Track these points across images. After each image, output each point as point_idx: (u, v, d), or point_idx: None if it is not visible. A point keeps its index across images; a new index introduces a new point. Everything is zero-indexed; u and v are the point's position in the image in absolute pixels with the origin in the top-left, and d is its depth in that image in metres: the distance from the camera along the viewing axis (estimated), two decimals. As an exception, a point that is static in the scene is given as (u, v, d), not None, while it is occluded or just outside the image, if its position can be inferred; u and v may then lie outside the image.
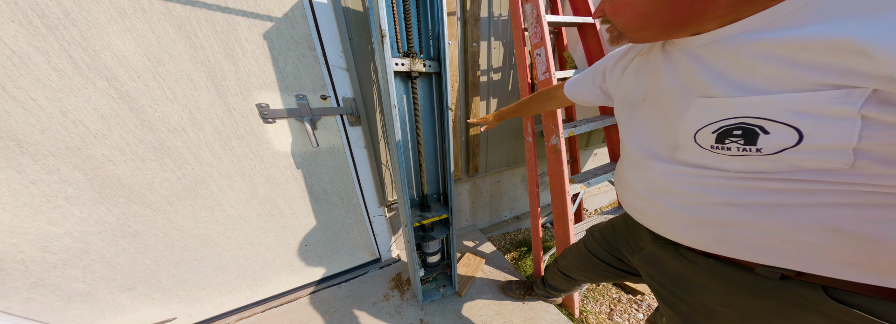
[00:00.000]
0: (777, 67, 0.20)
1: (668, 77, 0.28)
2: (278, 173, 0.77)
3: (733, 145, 0.23)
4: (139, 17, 0.51)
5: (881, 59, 0.16)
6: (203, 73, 0.59)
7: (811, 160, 0.20)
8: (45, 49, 0.46)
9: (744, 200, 0.24)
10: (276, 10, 0.65)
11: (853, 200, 0.20)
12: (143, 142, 0.57)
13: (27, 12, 0.43)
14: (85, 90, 0.50)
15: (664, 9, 0.23)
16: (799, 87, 0.19)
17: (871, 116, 0.17)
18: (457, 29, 0.91)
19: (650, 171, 0.32)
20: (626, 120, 0.36)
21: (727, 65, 0.23)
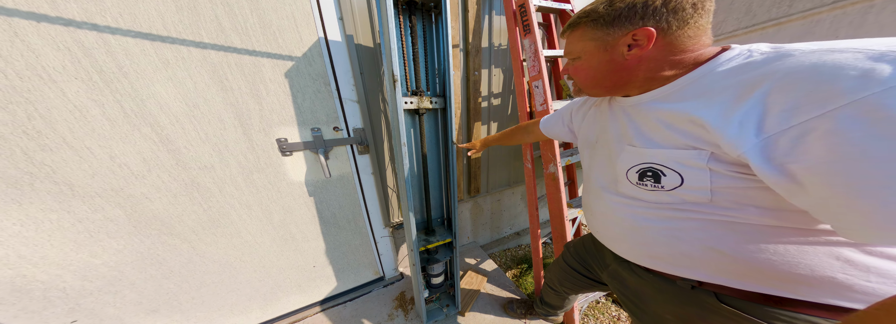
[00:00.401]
0: (665, 129, 0.29)
1: (611, 126, 0.38)
2: (292, 201, 0.83)
3: (648, 182, 0.31)
4: (180, 65, 0.58)
5: (712, 131, 0.25)
6: (232, 113, 0.66)
7: (691, 195, 0.29)
8: (101, 101, 0.52)
9: (659, 224, 0.32)
10: (296, 50, 0.72)
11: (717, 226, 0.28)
12: (177, 180, 0.64)
13: (88, 69, 0.50)
14: (132, 136, 0.56)
15: (606, 77, 0.33)
16: (676, 145, 0.28)
17: (713, 168, 0.26)
18: (460, 59, 0.98)
19: (602, 199, 0.40)
20: (586, 157, 0.45)
21: (642, 123, 0.33)
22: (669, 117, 0.29)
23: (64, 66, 0.49)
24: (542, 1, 0.94)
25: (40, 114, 0.49)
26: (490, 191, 1.26)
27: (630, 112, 0.34)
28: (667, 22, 0.27)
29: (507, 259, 1.40)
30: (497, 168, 1.23)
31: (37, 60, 0.47)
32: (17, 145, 0.48)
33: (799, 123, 0.19)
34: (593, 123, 0.42)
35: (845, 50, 0.19)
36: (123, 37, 0.52)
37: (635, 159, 0.32)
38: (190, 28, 0.58)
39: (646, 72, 0.31)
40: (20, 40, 0.45)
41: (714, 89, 0.26)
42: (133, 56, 0.53)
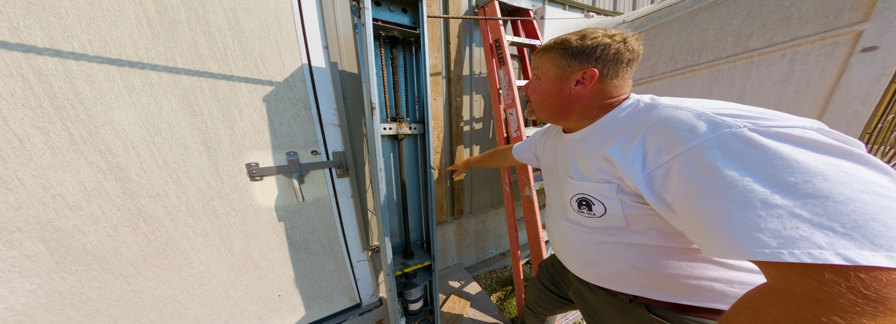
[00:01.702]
0: (591, 165, 0.36)
1: (559, 158, 0.45)
2: (258, 227, 0.79)
3: (584, 210, 0.38)
4: (146, 90, 0.58)
5: (617, 166, 0.31)
6: (198, 138, 0.65)
7: (614, 221, 0.35)
8: (47, 129, 0.51)
9: (597, 246, 0.38)
10: (277, 76, 0.76)
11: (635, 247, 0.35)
12: (121, 209, 0.60)
13: (40, 96, 0.49)
14: (75, 165, 0.54)
15: (553, 103, 0.40)
16: (596, 179, 0.35)
17: (622, 199, 0.32)
18: (442, 86, 1.07)
19: (558, 224, 0.46)
20: (546, 183, 0.52)
21: (577, 158, 0.39)
22: (591, 155, 0.36)
23: (12, 93, 0.47)
24: (514, 37, 1.09)
25: None
26: (474, 212, 1.31)
27: (571, 147, 0.41)
28: (608, 69, 0.35)
29: (492, 281, 1.40)
30: (480, 190, 1.30)
31: None
32: None
33: (664, 163, 0.26)
34: (551, 152, 0.49)
35: (683, 108, 0.28)
36: (88, 63, 0.52)
37: (573, 190, 0.38)
38: (164, 54, 0.60)
39: (580, 109, 0.38)
40: None
41: (616, 131, 0.33)
42: (95, 82, 0.53)
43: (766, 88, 0.66)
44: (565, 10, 1.45)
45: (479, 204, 1.31)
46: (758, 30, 0.68)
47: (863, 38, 0.55)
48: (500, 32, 1.04)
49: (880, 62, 0.53)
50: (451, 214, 1.23)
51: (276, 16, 0.75)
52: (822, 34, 0.59)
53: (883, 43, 0.53)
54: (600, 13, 1.61)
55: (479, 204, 1.32)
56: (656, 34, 0.93)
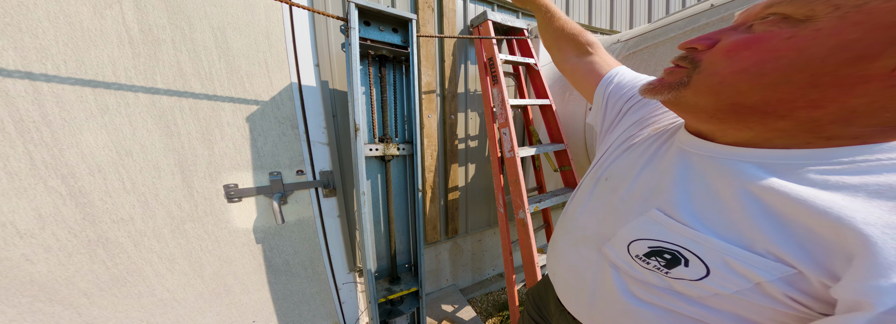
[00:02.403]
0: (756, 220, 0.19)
1: (646, 171, 0.28)
2: (233, 251, 0.75)
3: (654, 262, 0.24)
4: (120, 111, 0.57)
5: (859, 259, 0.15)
6: (173, 159, 0.63)
7: (688, 288, 0.23)
8: (7, 154, 0.48)
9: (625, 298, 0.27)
10: (264, 94, 0.74)
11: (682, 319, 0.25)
12: (78, 236, 0.56)
13: (3, 120, 0.47)
14: (32, 191, 0.51)
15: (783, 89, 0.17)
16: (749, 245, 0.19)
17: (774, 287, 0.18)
18: (436, 104, 1.07)
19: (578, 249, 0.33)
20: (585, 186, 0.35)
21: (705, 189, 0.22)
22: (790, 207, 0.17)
23: None
24: (508, 56, 1.11)
25: None
26: (469, 231, 1.28)
27: (698, 165, 0.23)
28: None
29: (488, 305, 1.33)
30: (476, 208, 1.27)
31: None
32: None
33: None
34: (628, 152, 0.32)
35: None
36: (61, 84, 0.51)
37: (658, 234, 0.23)
38: (144, 74, 0.58)
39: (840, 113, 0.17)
40: None
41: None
42: (66, 104, 0.51)
43: None
44: None
45: (474, 223, 1.28)
46: None
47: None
48: (494, 51, 1.05)
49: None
50: (445, 234, 1.19)
51: (266, 34, 0.76)
52: None
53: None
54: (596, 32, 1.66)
55: (475, 223, 1.28)
56: (650, 55, 0.94)
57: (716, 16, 0.77)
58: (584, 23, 1.61)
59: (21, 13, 0.47)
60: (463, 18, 1.16)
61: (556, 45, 0.50)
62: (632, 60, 0.99)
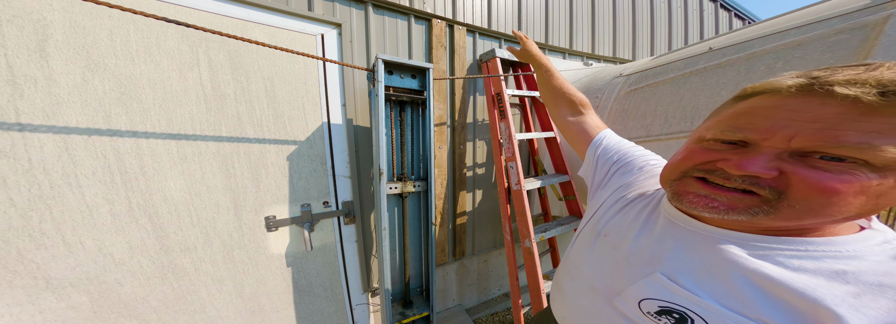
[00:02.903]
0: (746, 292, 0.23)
1: (642, 235, 0.32)
2: (268, 273, 0.89)
3: (665, 320, 0.27)
4: (195, 159, 0.73)
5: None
6: (229, 197, 0.78)
7: None
8: (113, 199, 0.64)
9: None
10: (301, 135, 0.90)
11: None
12: (155, 263, 0.71)
13: (115, 172, 0.64)
14: (128, 228, 0.67)
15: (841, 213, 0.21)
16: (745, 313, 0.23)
17: None
18: (446, 135, 1.22)
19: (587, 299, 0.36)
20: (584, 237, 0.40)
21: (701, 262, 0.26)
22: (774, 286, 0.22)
23: (94, 171, 0.61)
24: (515, 90, 1.24)
25: (53, 217, 0.59)
26: (476, 253, 1.41)
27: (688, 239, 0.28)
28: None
29: (491, 325, 1.42)
30: (483, 230, 1.40)
31: (74, 169, 0.59)
32: (15, 247, 0.57)
33: None
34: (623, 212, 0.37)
35: None
36: (156, 139, 0.67)
37: (668, 296, 0.27)
38: (213, 125, 0.75)
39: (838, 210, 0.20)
40: (68, 154, 0.58)
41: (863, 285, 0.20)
42: (157, 155, 0.67)
43: None
44: (565, 58, 1.64)
45: (481, 245, 1.41)
46: None
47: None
48: (502, 87, 1.19)
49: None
50: (453, 256, 1.31)
51: (304, 81, 0.92)
52: None
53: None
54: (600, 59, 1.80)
55: (482, 245, 1.41)
56: (651, 93, 1.00)
57: (713, 61, 0.83)
58: (588, 51, 1.74)
59: (132, 83, 0.64)
60: (472, 53, 1.32)
61: (554, 102, 0.58)
62: (633, 98, 1.07)
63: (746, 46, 0.78)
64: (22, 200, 0.56)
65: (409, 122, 0.96)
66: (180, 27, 0.64)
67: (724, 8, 2.49)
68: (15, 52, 0.54)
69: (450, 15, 1.24)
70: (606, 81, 1.27)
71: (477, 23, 1.31)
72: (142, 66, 0.64)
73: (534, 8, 1.51)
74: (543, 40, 1.55)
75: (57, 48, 0.57)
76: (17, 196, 0.55)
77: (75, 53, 0.59)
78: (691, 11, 2.26)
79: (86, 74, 0.59)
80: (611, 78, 1.31)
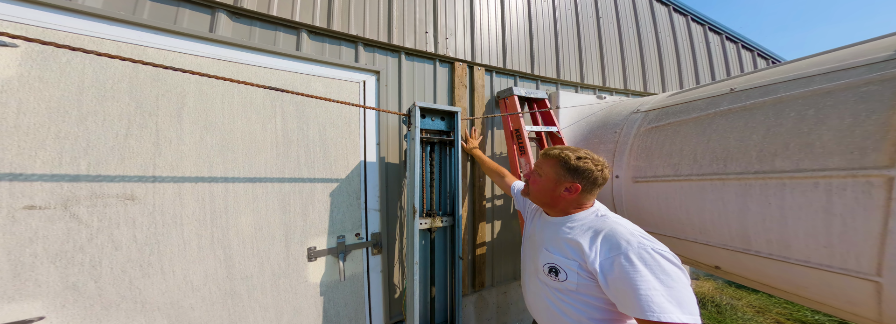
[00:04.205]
0: (564, 246, 0.68)
1: (538, 230, 0.79)
2: (304, 302, 1.08)
3: (553, 275, 0.68)
4: (263, 198, 0.97)
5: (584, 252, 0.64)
6: (282, 230, 1.00)
7: (569, 286, 0.66)
8: (202, 234, 0.87)
9: (558, 303, 0.68)
10: (342, 173, 1.15)
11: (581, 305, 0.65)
12: (221, 289, 0.91)
13: (207, 211, 0.89)
14: (207, 258, 0.89)
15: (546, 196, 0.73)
16: (567, 256, 0.67)
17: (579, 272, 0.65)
18: (467, 169, 1.46)
19: (531, 282, 0.76)
20: (525, 244, 0.86)
21: (554, 236, 0.72)
22: (568, 240, 0.66)
23: (193, 212, 0.85)
24: (533, 127, 1.51)
25: (159, 250, 0.82)
26: (495, 284, 1.62)
27: (549, 226, 0.73)
28: (586, 186, 0.67)
29: (503, 364, 1.53)
30: (502, 261, 1.64)
31: (181, 210, 0.83)
32: (128, 275, 0.79)
33: (611, 257, 0.58)
34: (537, 223, 0.81)
35: (622, 225, 0.65)
36: (239, 183, 0.92)
37: (547, 259, 0.68)
38: (279, 168, 1.00)
39: (562, 205, 0.71)
40: (180, 199, 0.83)
41: (587, 229, 0.65)
42: (238, 196, 0.91)
43: (808, 214, 0.74)
44: (577, 92, 1.96)
45: (500, 276, 1.63)
46: (781, 150, 0.77)
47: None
48: (520, 123, 1.45)
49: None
50: (473, 287, 1.49)
51: (347, 123, 1.19)
52: (852, 171, 0.66)
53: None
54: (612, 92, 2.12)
55: (501, 276, 1.63)
56: (674, 132, 1.09)
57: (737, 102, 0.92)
58: (599, 84, 2.06)
59: (231, 137, 0.91)
60: (490, 90, 1.63)
61: (491, 176, 1.28)
62: (655, 135, 1.16)
63: (771, 90, 0.86)
64: (143, 236, 0.80)
65: (438, 161, 1.20)
66: (271, 94, 0.91)
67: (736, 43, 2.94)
68: (163, 119, 0.81)
69: (469, 58, 1.57)
70: (624, 117, 1.46)
71: (494, 63, 1.64)
72: (239, 122, 0.92)
73: (545, 45, 1.87)
74: (555, 75, 1.87)
75: (188, 113, 0.85)
76: (139, 234, 0.79)
77: (199, 116, 0.87)
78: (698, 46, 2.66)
79: (202, 133, 0.86)
80: (628, 113, 1.51)
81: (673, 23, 2.52)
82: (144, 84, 0.80)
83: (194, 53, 0.87)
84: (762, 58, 3.11)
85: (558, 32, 1.91)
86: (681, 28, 2.57)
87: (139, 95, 0.79)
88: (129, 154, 0.77)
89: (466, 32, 1.56)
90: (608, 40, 2.16)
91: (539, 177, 0.72)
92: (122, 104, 0.77)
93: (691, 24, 2.65)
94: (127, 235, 0.76)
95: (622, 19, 2.24)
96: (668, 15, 2.51)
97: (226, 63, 0.92)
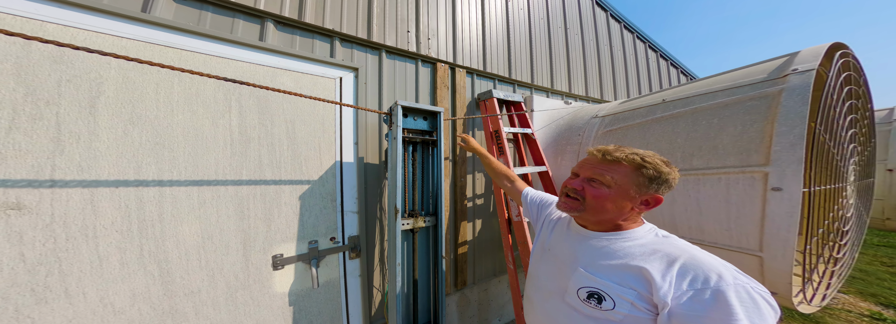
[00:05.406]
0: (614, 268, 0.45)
1: (567, 244, 0.54)
2: (268, 314, 0.87)
3: (592, 301, 0.45)
4: (213, 203, 0.75)
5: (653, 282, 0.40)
6: (240, 238, 0.79)
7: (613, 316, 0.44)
8: (126, 248, 0.64)
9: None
10: (315, 174, 0.94)
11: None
12: (156, 309, 0.69)
13: (133, 221, 0.65)
14: (135, 275, 0.66)
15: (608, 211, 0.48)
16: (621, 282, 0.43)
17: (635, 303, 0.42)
18: (449, 169, 1.31)
19: (550, 302, 0.53)
20: (537, 256, 0.61)
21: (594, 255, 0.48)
22: (623, 263, 0.44)
23: (113, 221, 0.62)
24: (510, 128, 1.39)
25: (61, 270, 0.58)
26: (477, 282, 1.45)
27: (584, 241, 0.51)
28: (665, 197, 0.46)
29: (488, 357, 1.40)
30: (482, 259, 1.47)
31: (94, 221, 0.60)
32: (13, 304, 0.54)
33: (693, 290, 0.38)
34: (559, 235, 0.57)
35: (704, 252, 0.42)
36: (179, 186, 0.69)
37: (584, 282, 0.46)
38: (235, 169, 0.78)
39: (619, 219, 0.49)
40: (92, 206, 0.59)
41: (651, 252, 0.44)
42: (178, 202, 0.69)
43: (715, 203, 0.85)
44: (548, 97, 1.87)
45: (481, 274, 1.46)
46: (696, 151, 0.88)
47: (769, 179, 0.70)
48: (499, 124, 1.32)
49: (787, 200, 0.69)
50: (455, 286, 1.34)
51: (321, 121, 0.99)
52: (742, 168, 0.78)
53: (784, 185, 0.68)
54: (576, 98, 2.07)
55: (482, 273, 1.47)
56: (623, 135, 1.22)
57: (668, 111, 1.05)
58: (566, 90, 2.00)
59: (168, 133, 0.68)
60: (471, 92, 1.48)
61: (496, 176, 0.95)
62: (610, 137, 1.28)
63: (690, 102, 0.99)
64: (33, 255, 0.55)
65: (420, 161, 1.04)
66: (220, 84, 0.70)
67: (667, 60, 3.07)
68: (67, 110, 0.57)
69: (451, 59, 1.42)
70: (585, 121, 1.50)
71: (474, 65, 1.50)
72: (180, 116, 0.69)
73: (521, 51, 1.75)
74: (530, 80, 1.78)
75: (107, 104, 0.61)
76: (29, 252, 0.54)
77: (122, 107, 0.62)
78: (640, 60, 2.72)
79: (127, 127, 0.62)
80: (589, 118, 1.53)
81: (623, 38, 2.50)
82: (39, 66, 0.55)
83: (117, 34, 0.63)
84: (684, 75, 3.26)
85: (533, 40, 1.80)
86: (628, 44, 2.56)
87: (30, 78, 0.55)
88: (12, 152, 0.53)
89: (448, 34, 1.40)
90: (574, 50, 2.09)
91: (605, 187, 0.47)
92: (4, 89, 0.53)
93: (636, 41, 2.65)
94: (10, 253, 0.52)
95: (585, 31, 2.18)
96: (620, 31, 2.48)
97: (162, 48, 0.69)
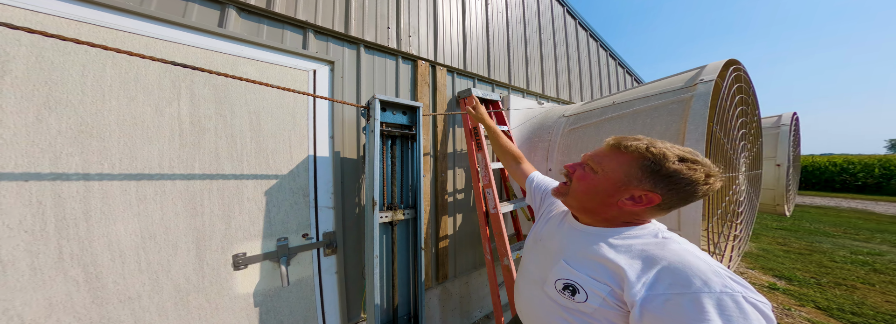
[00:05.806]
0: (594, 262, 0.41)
1: (557, 235, 0.49)
2: (229, 317, 0.77)
3: (567, 293, 0.42)
4: (155, 199, 0.64)
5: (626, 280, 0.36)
6: (192, 237, 0.69)
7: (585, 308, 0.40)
8: (38, 251, 0.52)
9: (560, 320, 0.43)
10: (284, 168, 0.86)
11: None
12: (82, 319, 0.57)
13: (48, 220, 0.52)
14: (51, 282, 0.54)
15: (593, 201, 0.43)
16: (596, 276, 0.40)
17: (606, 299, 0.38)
18: (430, 164, 1.27)
19: (532, 291, 0.49)
20: (529, 245, 0.57)
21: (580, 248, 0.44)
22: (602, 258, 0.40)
23: (20, 221, 0.50)
24: (489, 126, 1.37)
25: None
26: (458, 275, 1.40)
27: (576, 234, 0.46)
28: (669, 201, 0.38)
29: (472, 349, 1.37)
30: (463, 252, 1.43)
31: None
32: None
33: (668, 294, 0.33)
34: (553, 225, 0.53)
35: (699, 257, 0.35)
36: (111, 181, 0.58)
37: (563, 274, 0.43)
38: (185, 162, 0.68)
39: (610, 216, 0.42)
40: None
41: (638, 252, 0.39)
42: (109, 198, 0.58)
43: None
44: (523, 97, 1.90)
45: (462, 267, 1.42)
46: None
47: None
48: None
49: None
50: (436, 280, 1.29)
51: (292, 114, 0.91)
52: None
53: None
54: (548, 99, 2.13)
55: (463, 267, 1.42)
56: (583, 133, 1.28)
57: (617, 112, 1.13)
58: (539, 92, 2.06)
59: (96, 120, 0.56)
60: (451, 90, 1.46)
61: (503, 157, 0.86)
62: (573, 135, 1.34)
63: (632, 104, 1.09)
64: None
65: (400, 154, 0.99)
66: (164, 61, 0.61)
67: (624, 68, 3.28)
68: None
69: (432, 57, 1.38)
70: (554, 120, 1.55)
71: (455, 64, 1.48)
72: (112, 102, 0.58)
73: (499, 52, 1.76)
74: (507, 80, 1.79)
75: (14, 85, 0.49)
76: None
77: (34, 89, 0.51)
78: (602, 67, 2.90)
79: (42, 112, 0.51)
80: (557, 117, 1.58)
81: (589, 46, 2.62)
82: (-84, 33, 0.45)
83: (30, 8, 0.52)
84: (628, 74, 3.47)
85: (510, 43, 1.82)
86: (593, 51, 2.68)
87: None
88: None
89: (430, 33, 1.37)
90: (546, 54, 2.16)
91: (592, 173, 0.43)
92: None
93: (600, 49, 2.80)
94: None
95: (557, 37, 2.24)
96: (586, 39, 2.60)
97: (93, 27, 0.57)
